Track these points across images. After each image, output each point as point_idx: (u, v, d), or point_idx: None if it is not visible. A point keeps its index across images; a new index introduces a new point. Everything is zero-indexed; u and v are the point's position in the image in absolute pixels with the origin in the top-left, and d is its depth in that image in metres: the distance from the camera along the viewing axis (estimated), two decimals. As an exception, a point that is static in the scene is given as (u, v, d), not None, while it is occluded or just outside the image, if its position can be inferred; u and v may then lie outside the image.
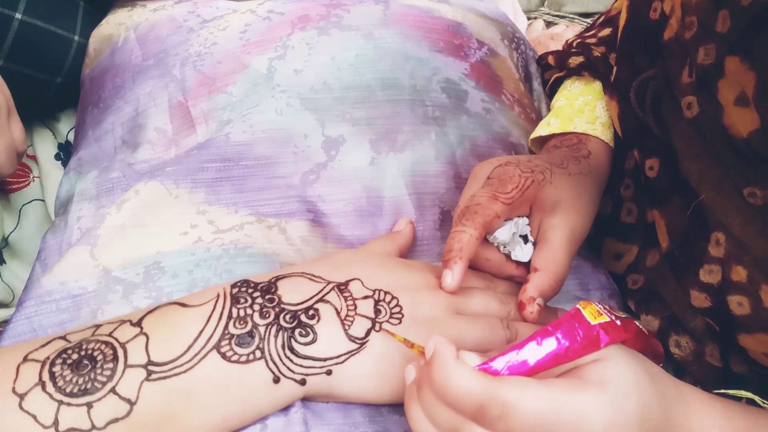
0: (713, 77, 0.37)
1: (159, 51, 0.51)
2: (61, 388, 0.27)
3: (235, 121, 0.46)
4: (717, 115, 0.37)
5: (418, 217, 0.45)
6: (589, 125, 0.50)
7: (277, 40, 0.50)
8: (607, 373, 0.29)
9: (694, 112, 0.39)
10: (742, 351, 0.39)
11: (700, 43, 0.38)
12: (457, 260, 0.36)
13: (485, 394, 0.27)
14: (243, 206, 0.42)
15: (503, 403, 0.27)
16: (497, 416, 0.27)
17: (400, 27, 0.53)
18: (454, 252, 0.36)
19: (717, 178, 0.38)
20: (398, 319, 0.34)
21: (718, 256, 0.38)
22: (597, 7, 1.22)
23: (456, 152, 0.48)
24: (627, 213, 0.50)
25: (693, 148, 0.39)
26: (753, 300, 0.36)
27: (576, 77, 0.56)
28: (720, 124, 0.37)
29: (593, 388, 0.28)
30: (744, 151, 0.36)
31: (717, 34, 0.37)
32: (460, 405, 0.27)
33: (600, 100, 0.52)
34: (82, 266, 0.38)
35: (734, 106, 0.36)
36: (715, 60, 0.37)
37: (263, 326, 0.31)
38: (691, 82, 0.40)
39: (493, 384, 0.27)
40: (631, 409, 0.28)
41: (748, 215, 0.36)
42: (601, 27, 0.57)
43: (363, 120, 0.47)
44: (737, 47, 0.35)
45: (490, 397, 0.27)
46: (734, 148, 0.36)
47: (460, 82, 0.51)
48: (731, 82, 0.36)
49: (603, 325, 0.30)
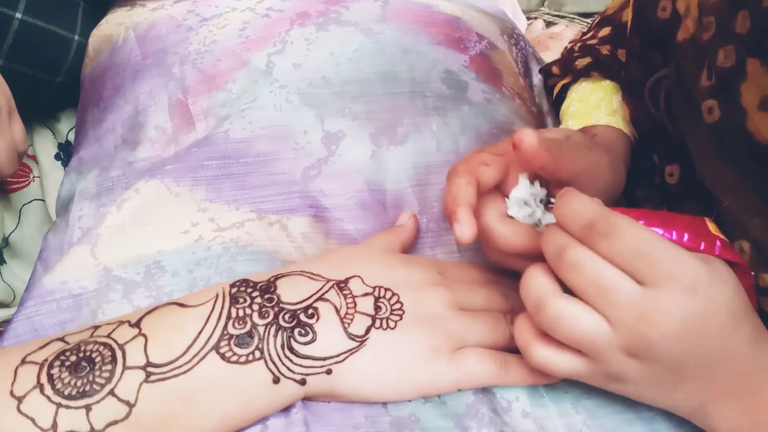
0: (735, 80, 0.36)
1: (158, 50, 0.51)
2: (60, 391, 0.27)
3: (234, 116, 0.45)
4: (740, 120, 0.36)
5: (421, 209, 0.45)
6: (611, 117, 0.50)
7: (275, 36, 0.50)
8: (719, 264, 0.30)
9: (716, 116, 0.38)
10: None
11: (719, 45, 0.37)
12: (456, 208, 0.34)
13: (599, 212, 0.29)
14: (244, 203, 0.42)
15: (613, 223, 0.29)
16: (604, 233, 0.29)
17: (399, 22, 0.53)
18: (449, 205, 0.35)
19: (740, 186, 0.37)
20: (399, 315, 0.34)
21: None
22: (597, 7, 1.22)
23: (459, 141, 0.48)
24: None
25: (713, 154, 0.39)
26: None
27: (583, 79, 0.55)
28: (744, 129, 0.36)
29: (700, 258, 0.29)
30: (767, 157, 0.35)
31: (736, 35, 0.36)
32: (572, 219, 0.30)
33: (615, 94, 0.51)
34: (82, 265, 0.38)
35: (758, 110, 0.35)
36: (736, 62, 0.36)
37: (262, 326, 0.31)
38: (710, 85, 0.38)
39: (607, 209, 0.30)
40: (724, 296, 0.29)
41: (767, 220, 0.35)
42: (598, 28, 0.57)
43: (362, 114, 0.47)
44: (757, 49, 0.35)
45: (602, 215, 0.29)
46: (758, 154, 0.35)
47: (460, 73, 0.51)
48: (753, 86, 0.35)
49: (722, 240, 0.31)
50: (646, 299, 0.28)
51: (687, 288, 0.28)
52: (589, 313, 0.29)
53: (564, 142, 0.39)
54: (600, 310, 0.29)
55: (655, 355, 0.29)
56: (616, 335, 0.29)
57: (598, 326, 0.29)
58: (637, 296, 0.28)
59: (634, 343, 0.28)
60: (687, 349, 0.28)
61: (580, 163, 0.38)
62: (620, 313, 0.28)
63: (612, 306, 0.28)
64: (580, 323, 0.29)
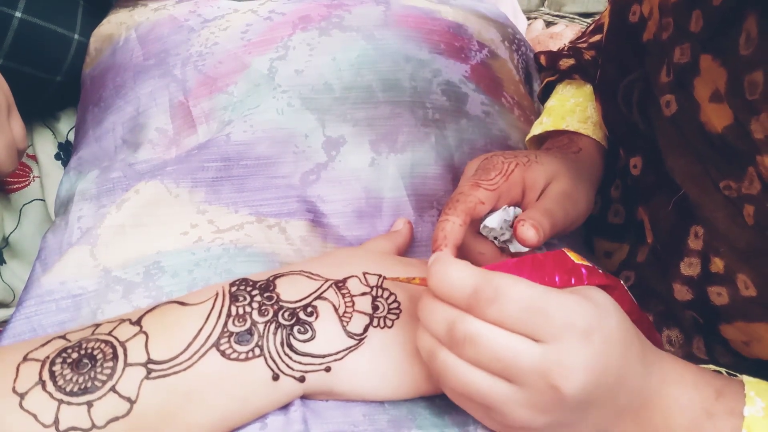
0: (689, 75, 0.38)
1: (160, 51, 0.52)
2: (62, 387, 0.27)
3: (236, 121, 0.46)
4: (694, 112, 0.38)
5: (416, 219, 0.45)
6: (581, 124, 0.51)
7: (278, 41, 0.50)
8: (597, 295, 0.30)
9: (673, 110, 0.40)
10: (725, 342, 0.39)
11: (676, 43, 0.39)
12: (443, 248, 0.37)
13: (480, 278, 0.28)
14: (243, 206, 0.42)
15: (497, 286, 0.28)
16: (491, 299, 0.28)
17: (401, 28, 0.53)
18: (439, 241, 0.37)
19: (697, 173, 0.38)
20: (396, 314, 0.34)
21: (697, 249, 0.39)
22: (597, 7, 1.22)
23: (454, 155, 0.49)
24: (614, 214, 0.50)
25: (675, 145, 0.40)
26: (730, 289, 0.37)
27: (568, 81, 0.56)
28: (697, 121, 0.38)
29: (583, 297, 0.29)
30: (719, 146, 0.36)
31: (691, 33, 0.38)
32: (455, 292, 0.29)
33: (591, 101, 0.53)
34: (82, 266, 0.38)
35: (709, 102, 0.37)
36: (691, 59, 0.38)
37: (262, 324, 0.31)
38: (669, 81, 0.40)
39: (487, 272, 0.29)
40: (613, 327, 0.29)
41: (725, 208, 0.37)
42: (591, 34, 0.59)
43: (363, 120, 0.47)
44: (709, 45, 0.36)
45: (484, 280, 0.28)
46: (710, 143, 0.37)
47: (460, 84, 0.52)
48: (706, 80, 0.37)
49: (586, 266, 0.32)
50: (549, 357, 0.27)
51: (583, 334, 0.28)
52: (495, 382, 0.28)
53: (532, 161, 0.42)
54: (506, 378, 0.28)
55: (565, 406, 0.28)
56: (522, 395, 0.28)
57: (503, 391, 0.28)
58: (540, 357, 0.27)
59: (543, 400, 0.28)
60: (593, 390, 0.28)
61: (566, 221, 0.41)
62: (527, 378, 0.28)
63: (518, 373, 0.28)
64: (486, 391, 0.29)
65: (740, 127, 0.34)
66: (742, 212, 0.35)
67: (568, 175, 0.43)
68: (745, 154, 0.34)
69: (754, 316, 0.36)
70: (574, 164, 0.45)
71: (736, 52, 0.34)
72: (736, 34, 0.34)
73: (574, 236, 0.50)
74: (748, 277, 0.35)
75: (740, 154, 0.35)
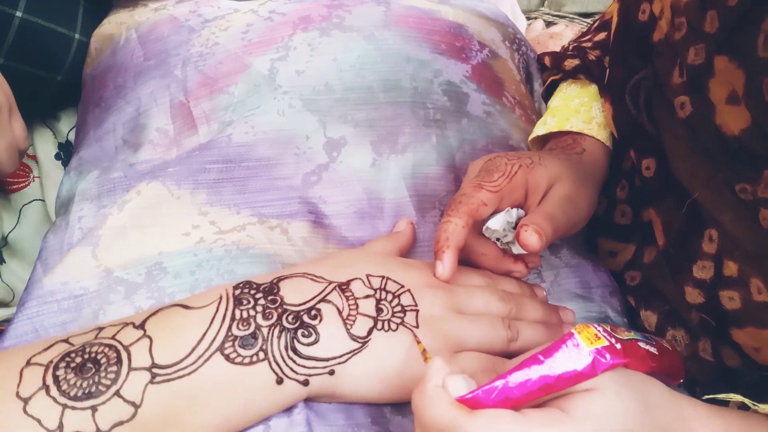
0: (704, 77, 0.38)
1: (160, 51, 0.51)
2: (65, 392, 0.27)
3: (237, 122, 0.46)
4: (709, 114, 0.38)
5: (418, 219, 0.45)
6: (585, 125, 0.51)
7: (278, 41, 0.50)
8: (593, 408, 0.27)
9: (687, 111, 0.40)
10: (736, 346, 0.39)
11: (689, 44, 0.39)
12: (445, 249, 0.37)
13: (450, 428, 0.26)
14: (245, 207, 0.42)
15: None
16: None
17: (402, 28, 0.53)
18: (441, 242, 0.37)
19: (707, 175, 0.38)
20: (400, 317, 0.34)
21: (711, 252, 0.38)
22: (597, 7, 1.22)
23: (456, 156, 0.49)
24: (621, 215, 0.50)
25: (683, 147, 0.40)
26: (743, 294, 0.36)
27: (572, 80, 0.56)
28: (712, 123, 0.37)
29: (572, 426, 0.27)
30: (735, 149, 0.36)
31: (706, 34, 0.37)
32: (432, 426, 0.27)
33: (596, 101, 0.52)
34: (83, 266, 0.38)
35: (726, 104, 0.36)
36: (705, 60, 0.38)
37: (266, 327, 0.31)
38: (682, 82, 0.40)
39: (461, 417, 0.26)
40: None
41: (739, 211, 0.36)
42: (596, 31, 0.58)
43: (364, 121, 0.47)
44: (725, 47, 0.36)
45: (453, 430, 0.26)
46: (726, 145, 0.37)
47: (461, 84, 0.52)
48: (721, 81, 0.36)
49: (600, 351, 0.28)
50: None
51: None
52: None
53: (536, 163, 0.41)
54: None
55: None
56: None
57: None
58: None
59: None
60: None
61: (568, 224, 0.41)
62: None
63: None
64: None
65: (758, 130, 0.34)
66: (758, 216, 0.35)
67: (571, 177, 0.42)
68: (762, 157, 0.34)
69: (766, 322, 0.36)
70: (578, 166, 0.45)
71: (754, 54, 0.34)
72: (755, 35, 0.33)
73: (576, 236, 0.49)
74: (762, 282, 0.35)
75: (757, 157, 0.35)
